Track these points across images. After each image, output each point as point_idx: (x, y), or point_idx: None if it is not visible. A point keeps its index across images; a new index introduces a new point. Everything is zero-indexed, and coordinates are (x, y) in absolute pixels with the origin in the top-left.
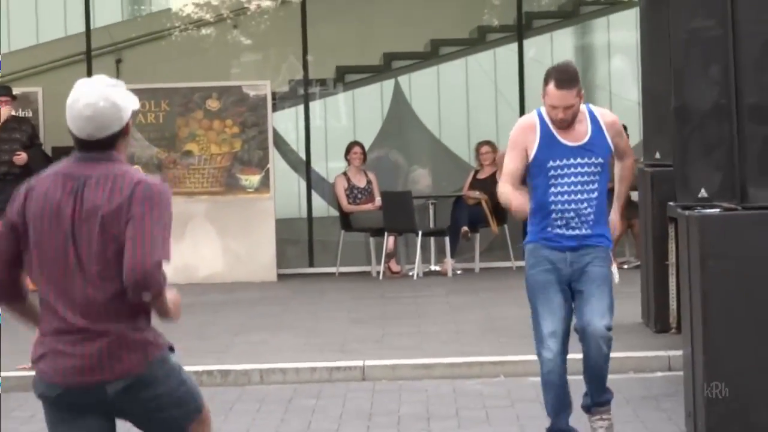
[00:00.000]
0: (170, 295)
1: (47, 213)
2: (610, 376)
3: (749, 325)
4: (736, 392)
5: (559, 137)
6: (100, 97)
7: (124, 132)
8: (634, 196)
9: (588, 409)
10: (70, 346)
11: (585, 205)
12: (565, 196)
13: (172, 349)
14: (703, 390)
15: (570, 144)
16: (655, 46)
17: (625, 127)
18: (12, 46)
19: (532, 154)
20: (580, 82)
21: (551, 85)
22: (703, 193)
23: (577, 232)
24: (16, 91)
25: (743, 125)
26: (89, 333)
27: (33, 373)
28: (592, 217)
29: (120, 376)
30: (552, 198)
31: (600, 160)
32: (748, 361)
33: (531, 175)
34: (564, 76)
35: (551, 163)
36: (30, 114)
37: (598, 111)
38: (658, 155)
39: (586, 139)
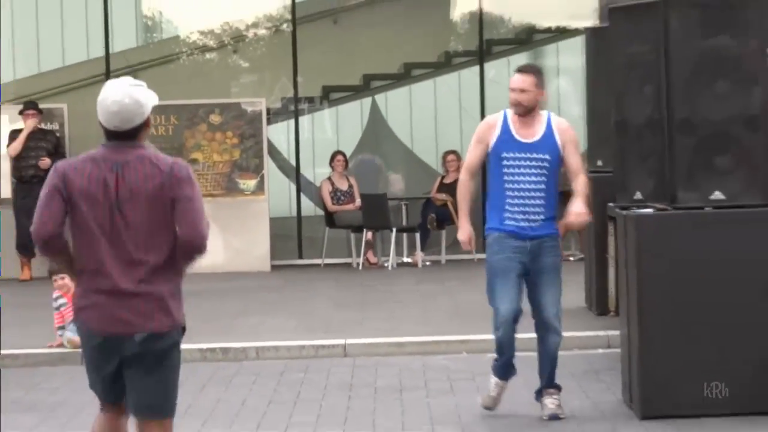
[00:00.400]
0: None
1: (94, 188)
2: (561, 353)
3: (677, 308)
4: (665, 366)
5: (515, 134)
6: (125, 95)
7: (145, 125)
8: None
9: (540, 392)
10: (112, 303)
11: (535, 198)
12: (518, 185)
13: (184, 329)
14: (641, 366)
15: (523, 141)
16: (598, 69)
17: None
18: (41, 68)
19: (490, 146)
20: (541, 81)
21: (514, 74)
22: (638, 195)
23: (531, 223)
24: (43, 106)
25: (673, 137)
26: (129, 293)
27: (59, 350)
28: (542, 209)
29: (148, 330)
30: (507, 190)
31: (546, 156)
32: (677, 340)
33: (489, 167)
34: (525, 66)
35: (504, 155)
36: (57, 127)
37: (555, 118)
38: (600, 163)
39: (537, 138)
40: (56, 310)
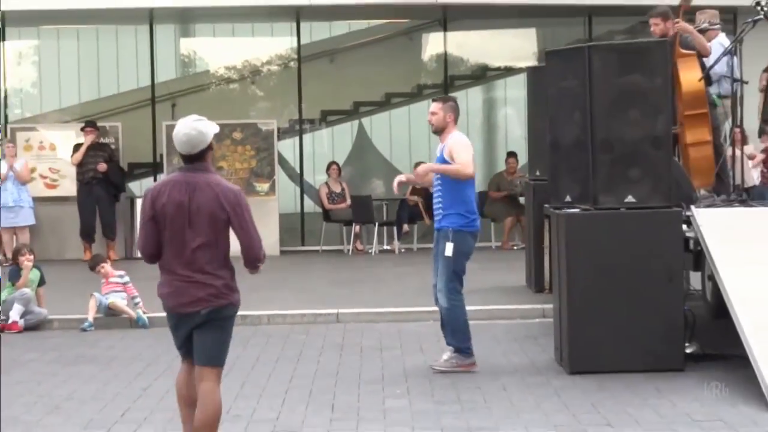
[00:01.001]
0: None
1: (173, 207)
2: (505, 322)
3: (598, 287)
4: (588, 332)
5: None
6: (191, 128)
7: (209, 148)
8: (522, 200)
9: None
10: (184, 289)
11: (437, 198)
12: (435, 189)
13: (238, 303)
14: (568, 331)
15: (437, 154)
16: (536, 99)
17: (514, 153)
18: (101, 94)
19: None
20: (450, 108)
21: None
22: (567, 198)
23: (437, 218)
24: (101, 124)
25: (595, 153)
26: (196, 281)
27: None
28: (440, 208)
29: (208, 307)
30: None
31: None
32: (597, 312)
33: None
34: (438, 97)
35: None
36: (112, 140)
37: (453, 135)
38: (538, 173)
39: (438, 151)
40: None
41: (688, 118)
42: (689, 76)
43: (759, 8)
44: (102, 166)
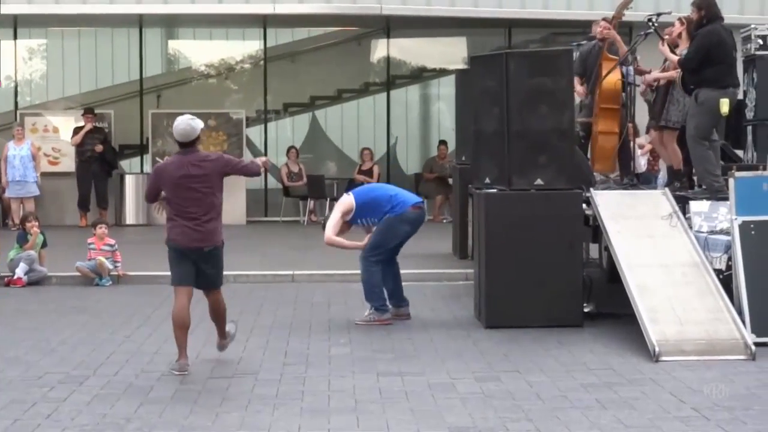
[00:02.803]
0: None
1: (175, 178)
2: (433, 283)
3: (511, 255)
4: (502, 293)
5: None
6: (186, 123)
7: (198, 138)
8: (451, 181)
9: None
10: (190, 231)
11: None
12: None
13: (223, 243)
14: (486, 292)
15: None
16: (463, 96)
17: (444, 141)
18: (98, 86)
19: None
20: None
21: None
22: (487, 180)
23: None
24: (98, 111)
25: (511, 142)
26: (198, 227)
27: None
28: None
29: (211, 244)
30: None
31: None
32: (510, 276)
33: None
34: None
35: None
36: (106, 125)
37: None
38: (464, 158)
39: None
40: (88, 249)
41: (602, 110)
42: (611, 77)
43: (650, 23)
44: (99, 148)
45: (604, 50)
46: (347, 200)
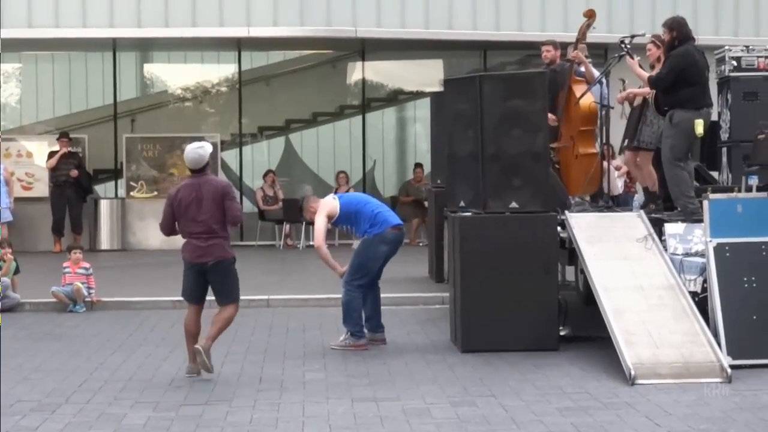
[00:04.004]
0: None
1: (188, 199)
2: (409, 307)
3: (487, 279)
4: (478, 317)
5: None
6: (195, 151)
7: (207, 164)
8: (426, 204)
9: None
10: (198, 248)
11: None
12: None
13: (234, 258)
14: (462, 316)
15: None
16: (438, 119)
17: (420, 164)
18: (72, 109)
19: None
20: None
21: None
22: (462, 203)
23: None
24: (72, 136)
25: (485, 165)
26: (206, 243)
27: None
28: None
29: (214, 258)
30: None
31: None
32: (485, 300)
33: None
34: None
35: None
36: (80, 150)
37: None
38: (439, 181)
39: None
40: (63, 274)
41: (580, 133)
42: (586, 99)
43: (623, 45)
44: (74, 173)
45: (572, 73)
46: (333, 204)
